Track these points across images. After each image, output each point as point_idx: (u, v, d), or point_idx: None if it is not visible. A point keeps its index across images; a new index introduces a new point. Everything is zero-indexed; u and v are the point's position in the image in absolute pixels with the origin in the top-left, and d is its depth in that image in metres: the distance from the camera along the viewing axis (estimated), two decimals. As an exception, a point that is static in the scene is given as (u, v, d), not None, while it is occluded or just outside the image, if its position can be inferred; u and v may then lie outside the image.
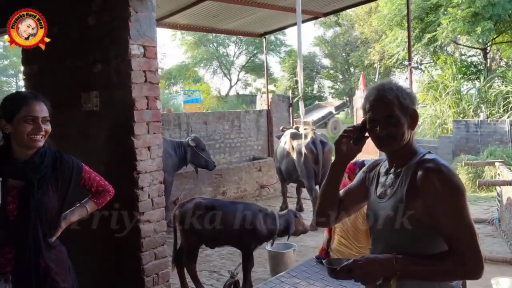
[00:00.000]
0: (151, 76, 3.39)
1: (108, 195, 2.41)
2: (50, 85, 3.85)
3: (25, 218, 1.96)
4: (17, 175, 1.98)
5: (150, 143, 3.40)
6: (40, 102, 2.03)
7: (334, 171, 1.82)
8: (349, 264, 1.55)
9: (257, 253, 5.03)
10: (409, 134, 1.63)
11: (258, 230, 4.21)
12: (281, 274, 3.53)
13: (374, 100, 1.64)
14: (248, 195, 9.11)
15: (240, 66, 31.07)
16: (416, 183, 1.54)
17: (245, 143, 10.35)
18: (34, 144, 1.99)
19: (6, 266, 1.96)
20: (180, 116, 9.36)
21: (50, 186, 2.05)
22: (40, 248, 2.00)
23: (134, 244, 3.34)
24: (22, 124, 1.96)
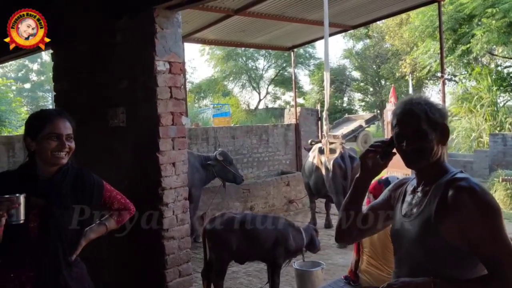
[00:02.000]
0: (177, 92, 3.38)
1: (129, 214, 2.38)
2: (78, 101, 3.91)
3: (45, 237, 1.95)
4: (39, 193, 1.97)
5: (175, 159, 3.38)
6: (64, 120, 2.02)
7: (357, 186, 1.77)
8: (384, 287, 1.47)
9: (284, 271, 4.91)
10: (440, 150, 1.56)
11: (289, 244, 4.18)
12: (308, 294, 3.41)
13: (401, 114, 1.59)
14: (276, 210, 8.98)
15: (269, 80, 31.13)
16: (446, 202, 1.47)
17: (273, 157, 10.27)
18: (58, 161, 1.98)
19: (27, 285, 1.94)
20: (208, 131, 9.38)
21: (70, 206, 2.03)
22: (60, 267, 1.99)
23: (158, 261, 3.31)
24: (46, 141, 1.95)
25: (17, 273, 1.95)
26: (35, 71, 37.20)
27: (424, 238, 1.50)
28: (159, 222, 3.29)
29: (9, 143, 7.30)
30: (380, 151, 1.68)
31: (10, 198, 1.78)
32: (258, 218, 4.38)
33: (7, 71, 25.45)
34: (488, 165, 10.85)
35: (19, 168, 2.07)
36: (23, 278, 1.95)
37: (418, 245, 1.53)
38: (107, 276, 3.56)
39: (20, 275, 1.95)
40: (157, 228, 3.28)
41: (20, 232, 1.90)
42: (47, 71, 32.31)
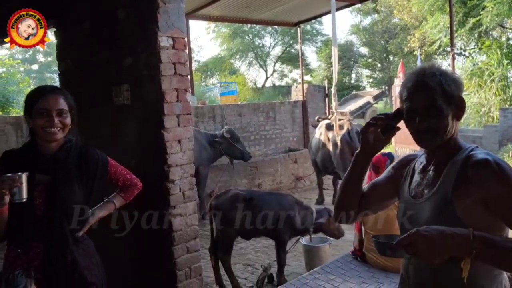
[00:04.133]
0: (181, 68, 3.34)
1: (136, 189, 2.39)
2: (83, 80, 3.89)
3: (51, 213, 1.96)
4: (43, 170, 1.99)
5: (181, 136, 3.36)
6: (56, 95, 2.01)
7: (357, 162, 1.61)
8: (410, 235, 1.25)
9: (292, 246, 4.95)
10: (454, 126, 1.43)
11: (294, 221, 4.18)
12: (315, 269, 3.43)
13: (413, 87, 1.43)
14: (283, 187, 9.01)
15: (276, 57, 30.85)
16: (466, 179, 1.34)
17: (280, 134, 10.25)
18: (50, 137, 1.98)
19: (34, 260, 1.97)
20: (214, 109, 9.35)
21: (75, 181, 2.04)
22: (67, 243, 2.01)
23: (166, 238, 3.32)
24: (37, 117, 1.96)
25: (25, 249, 1.97)
26: (42, 52, 37.13)
27: (438, 221, 1.33)
28: (166, 199, 3.29)
29: (17, 124, 7.34)
30: (382, 125, 1.52)
31: (11, 177, 1.79)
32: (263, 194, 4.41)
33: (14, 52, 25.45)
34: (497, 140, 10.74)
35: (22, 146, 2.09)
36: (31, 254, 1.97)
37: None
38: (115, 253, 3.60)
39: (28, 251, 1.97)
40: (164, 205, 3.28)
41: (26, 209, 1.92)
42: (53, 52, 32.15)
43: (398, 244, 1.28)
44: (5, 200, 1.81)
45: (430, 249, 1.23)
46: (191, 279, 3.44)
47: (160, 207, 3.30)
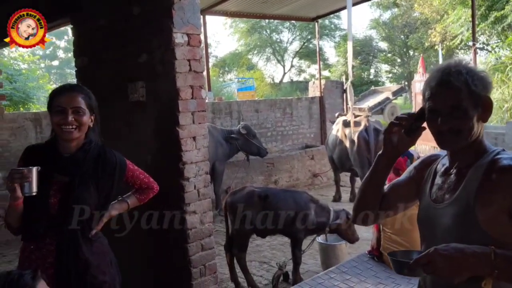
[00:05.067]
0: (196, 65, 3.31)
1: (152, 192, 2.40)
2: (99, 77, 3.89)
3: (64, 213, 1.97)
4: (61, 170, 2.00)
5: (196, 133, 3.34)
6: (73, 93, 2.01)
7: (379, 164, 1.53)
8: (428, 254, 1.20)
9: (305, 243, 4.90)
10: (479, 128, 1.34)
11: (309, 219, 4.14)
12: (331, 269, 3.38)
13: (437, 86, 1.34)
14: (300, 184, 8.96)
15: (293, 52, 30.70)
16: (490, 186, 1.26)
17: (297, 131, 10.18)
18: (66, 136, 1.97)
19: (48, 257, 1.98)
20: (231, 105, 9.33)
21: (91, 183, 2.03)
22: (79, 242, 2.00)
23: (180, 235, 3.31)
24: (53, 114, 1.98)
25: (38, 245, 1.99)
26: (62, 48, 37.67)
27: (460, 230, 1.29)
28: (181, 197, 3.28)
29: (36, 119, 7.44)
30: (406, 125, 1.44)
31: (21, 171, 1.81)
32: (279, 192, 4.38)
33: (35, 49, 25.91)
34: (520, 137, 10.46)
35: (44, 144, 2.10)
36: (44, 251, 1.98)
37: (452, 236, 1.30)
38: (131, 251, 3.61)
39: (41, 248, 1.98)
40: (179, 203, 3.27)
41: (40, 206, 1.94)
42: (73, 48, 32.56)
43: (416, 263, 1.23)
44: (17, 193, 1.83)
45: (450, 269, 1.18)
46: (206, 277, 3.42)
47: (175, 205, 3.28)
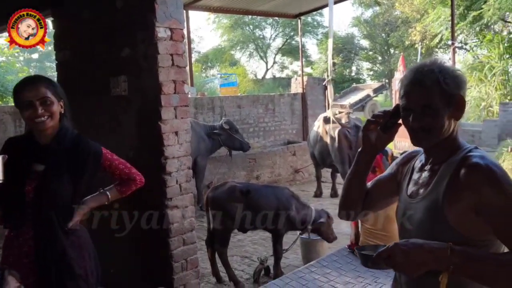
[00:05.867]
0: (179, 60, 3.32)
1: (134, 184, 2.34)
2: (81, 71, 3.86)
3: (38, 201, 1.99)
4: (37, 159, 2.02)
5: (178, 128, 3.34)
6: (36, 85, 2.00)
7: (360, 162, 1.58)
8: (389, 248, 1.26)
9: (290, 239, 4.96)
10: (452, 126, 1.36)
11: (291, 214, 4.19)
12: (312, 263, 3.44)
13: (410, 85, 1.37)
14: (282, 180, 9.01)
15: (276, 49, 30.71)
16: (458, 183, 1.29)
17: (279, 127, 10.23)
18: (40, 127, 1.99)
19: (24, 246, 2.00)
20: (213, 100, 9.32)
21: (65, 172, 2.03)
22: (56, 233, 2.02)
23: (162, 230, 3.32)
24: (23, 109, 1.98)
25: (17, 234, 2.02)
26: (41, 41, 36.79)
27: (430, 225, 1.33)
28: (163, 192, 3.28)
29: (15, 113, 7.28)
30: (382, 122, 1.48)
31: None
32: (260, 187, 4.41)
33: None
34: (497, 135, 10.71)
35: (24, 135, 2.12)
36: (21, 239, 2.01)
37: (423, 231, 1.34)
38: (112, 244, 3.60)
39: (19, 236, 2.01)
40: (161, 197, 3.28)
41: (15, 194, 1.97)
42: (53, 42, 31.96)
43: (378, 257, 1.28)
44: None
45: (408, 264, 1.24)
46: (187, 271, 3.44)
47: (157, 199, 3.29)
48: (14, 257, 2.01)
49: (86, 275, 2.11)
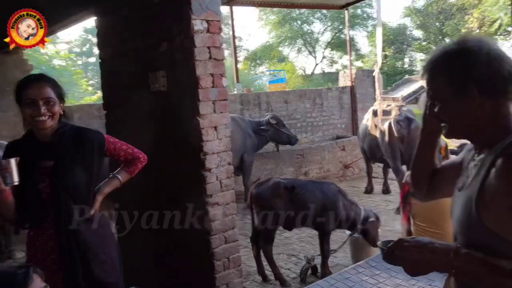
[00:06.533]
0: (216, 52, 3.22)
1: (139, 162, 2.39)
2: (122, 67, 3.86)
3: (55, 195, 2.03)
4: (44, 156, 2.06)
5: (217, 122, 3.25)
6: (41, 84, 2.04)
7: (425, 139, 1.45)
8: (393, 244, 1.21)
9: (339, 236, 4.76)
10: (487, 110, 1.15)
11: (338, 211, 4.01)
12: (360, 263, 3.24)
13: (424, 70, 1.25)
14: (331, 176, 8.78)
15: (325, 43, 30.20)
16: (494, 174, 1.11)
17: (327, 121, 9.98)
18: (40, 125, 2.02)
19: (48, 242, 2.05)
20: (260, 96, 9.22)
21: (75, 163, 2.08)
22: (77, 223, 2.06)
23: (203, 227, 3.24)
24: (25, 107, 2.02)
25: (38, 232, 2.06)
26: (97, 45, 38.19)
27: (466, 222, 1.18)
28: (203, 189, 3.20)
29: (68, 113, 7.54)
30: None
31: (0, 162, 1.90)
32: (306, 183, 4.26)
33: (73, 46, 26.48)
34: None
35: (23, 136, 2.17)
36: (45, 236, 2.05)
37: (461, 228, 1.22)
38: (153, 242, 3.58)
39: (42, 233, 2.05)
40: (201, 194, 3.20)
41: (31, 193, 2.02)
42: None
43: (388, 252, 1.22)
44: (1, 186, 1.90)
45: (408, 261, 1.17)
46: (229, 270, 3.35)
47: (197, 196, 3.22)
48: (39, 255, 2.04)
49: (112, 262, 2.17)
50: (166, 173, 3.49)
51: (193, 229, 3.30)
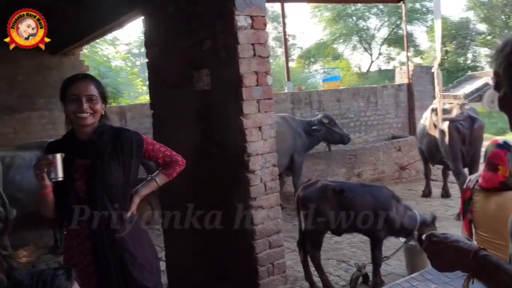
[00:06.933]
0: (261, 49, 3.08)
1: (178, 165, 2.34)
2: (168, 66, 3.83)
3: (91, 194, 2.01)
4: (82, 154, 2.05)
5: (261, 122, 3.12)
6: (87, 82, 2.06)
7: None
8: (425, 238, 1.23)
9: (393, 242, 4.48)
10: None
11: (391, 217, 3.75)
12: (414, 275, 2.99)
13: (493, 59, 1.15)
14: (386, 177, 8.42)
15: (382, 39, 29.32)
16: None
17: (382, 120, 9.58)
18: (81, 122, 2.02)
19: (85, 243, 2.02)
20: (311, 94, 8.99)
21: (112, 162, 2.06)
22: (114, 225, 2.03)
23: (246, 231, 3.12)
24: (68, 103, 2.03)
25: (76, 232, 2.04)
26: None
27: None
28: (246, 191, 3.08)
29: (121, 113, 7.73)
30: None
31: (47, 157, 1.90)
32: (356, 186, 4.02)
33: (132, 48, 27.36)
34: None
35: (64, 135, 2.17)
36: (82, 236, 2.02)
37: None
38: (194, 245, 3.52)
39: (79, 233, 2.03)
40: (244, 197, 3.08)
41: (68, 191, 2.00)
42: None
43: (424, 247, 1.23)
44: (45, 181, 1.90)
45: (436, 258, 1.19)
46: (274, 276, 3.21)
47: (240, 199, 3.11)
48: (76, 257, 2.02)
49: (150, 265, 2.13)
50: (209, 174, 3.40)
51: (236, 233, 3.20)
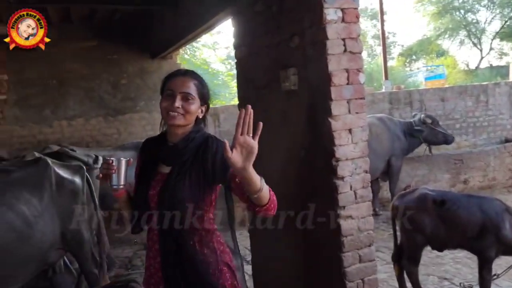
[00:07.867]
0: (352, 45, 2.83)
1: (273, 203, 1.75)
2: (255, 66, 3.72)
3: (160, 206, 1.79)
4: (164, 160, 1.85)
5: (352, 124, 2.86)
6: (186, 78, 1.82)
7: None
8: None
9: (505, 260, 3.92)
10: None
11: (502, 233, 3.26)
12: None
13: None
14: (498, 185, 7.60)
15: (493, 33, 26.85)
16: None
17: (494, 122, 8.68)
18: (170, 121, 1.79)
19: (157, 257, 1.84)
20: (411, 93, 8.41)
21: (189, 174, 1.77)
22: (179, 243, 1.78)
23: (334, 243, 2.88)
24: (163, 98, 1.83)
25: (149, 244, 1.87)
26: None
27: None
28: (334, 199, 2.84)
29: (215, 114, 7.84)
30: None
31: (108, 161, 1.75)
32: (460, 197, 3.56)
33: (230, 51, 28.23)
34: None
35: (158, 134, 1.98)
36: (154, 250, 1.85)
37: None
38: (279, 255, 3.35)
39: (152, 246, 1.85)
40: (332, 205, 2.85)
41: (140, 199, 1.84)
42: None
43: None
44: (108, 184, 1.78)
45: None
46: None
47: (327, 207, 2.87)
48: (152, 269, 1.86)
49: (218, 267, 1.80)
50: (297, 180, 3.21)
51: (323, 244, 2.97)
